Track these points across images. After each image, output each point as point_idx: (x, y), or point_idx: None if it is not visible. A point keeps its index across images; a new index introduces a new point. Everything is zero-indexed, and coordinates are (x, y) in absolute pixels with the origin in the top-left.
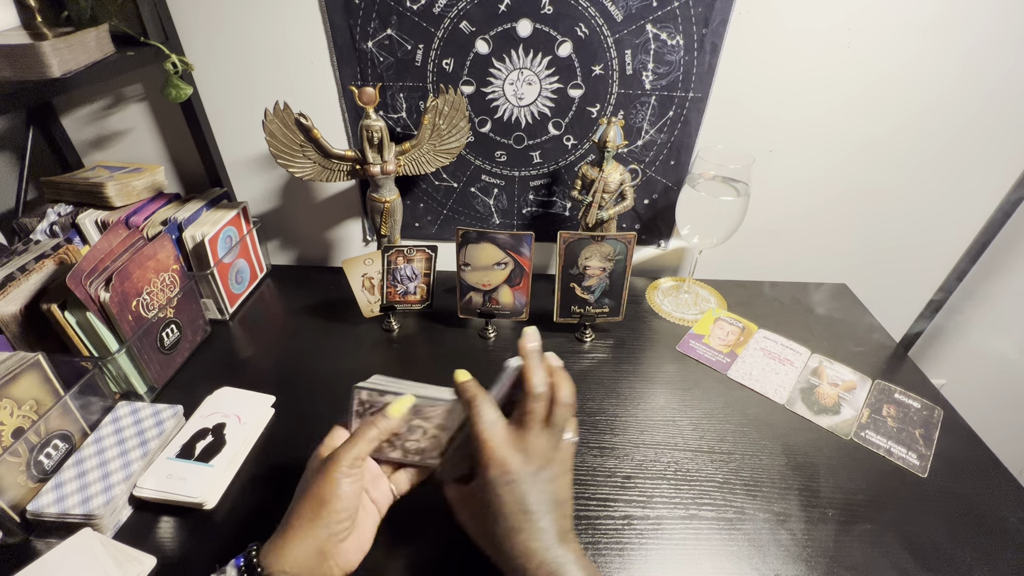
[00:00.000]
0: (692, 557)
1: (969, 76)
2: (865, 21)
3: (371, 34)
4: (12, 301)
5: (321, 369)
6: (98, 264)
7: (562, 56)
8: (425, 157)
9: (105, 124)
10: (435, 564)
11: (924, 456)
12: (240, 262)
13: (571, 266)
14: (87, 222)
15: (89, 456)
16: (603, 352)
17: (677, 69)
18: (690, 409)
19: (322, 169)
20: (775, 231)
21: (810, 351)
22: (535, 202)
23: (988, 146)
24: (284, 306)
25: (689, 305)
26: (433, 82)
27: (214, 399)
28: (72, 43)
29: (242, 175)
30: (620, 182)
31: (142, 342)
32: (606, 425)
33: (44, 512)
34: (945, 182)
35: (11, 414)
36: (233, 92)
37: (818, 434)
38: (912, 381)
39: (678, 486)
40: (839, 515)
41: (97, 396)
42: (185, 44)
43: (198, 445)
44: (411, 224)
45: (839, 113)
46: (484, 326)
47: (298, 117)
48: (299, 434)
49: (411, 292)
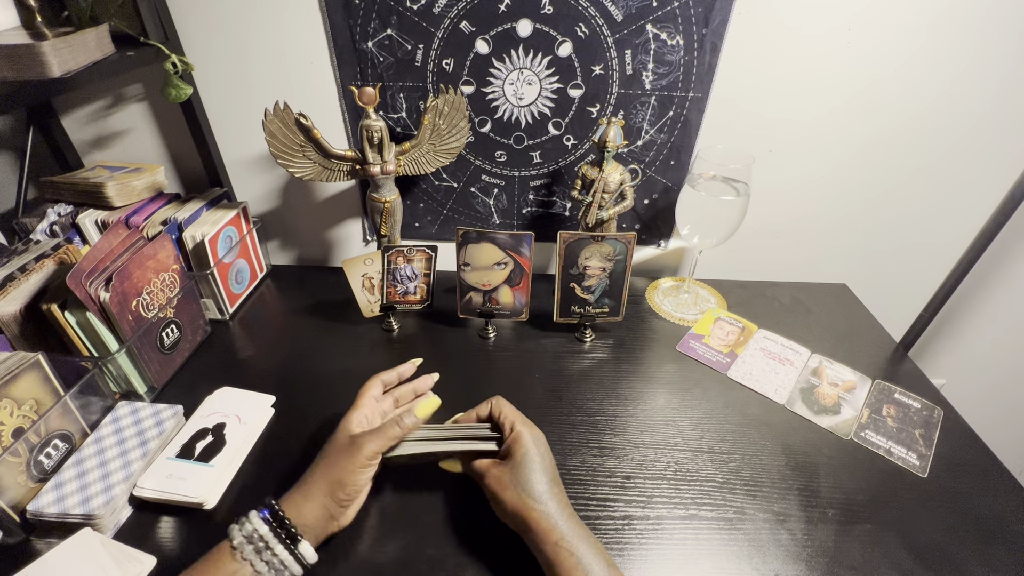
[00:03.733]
0: (692, 557)
1: (969, 76)
2: (865, 21)
3: (371, 34)
4: (12, 301)
5: (321, 369)
6: (98, 264)
7: (562, 56)
8: (425, 157)
9: (105, 124)
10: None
11: (924, 456)
12: (240, 262)
13: (571, 266)
14: (87, 222)
15: (89, 456)
16: (603, 352)
17: (677, 69)
18: (690, 409)
19: (322, 169)
20: (775, 231)
21: (810, 351)
22: (535, 202)
23: (988, 146)
24: (284, 306)
25: (689, 305)
26: (433, 82)
27: (214, 399)
28: (72, 43)
29: (242, 175)
30: (620, 182)
31: (142, 342)
32: (606, 425)
33: (44, 512)
34: (945, 182)
35: (11, 414)
36: (233, 92)
37: (818, 434)
38: (912, 381)
39: (678, 486)
40: (839, 515)
41: (97, 396)
42: (185, 44)
43: (198, 445)
44: (411, 224)
45: (839, 113)
46: (484, 326)
47: (298, 117)
48: (299, 434)
49: (411, 292)
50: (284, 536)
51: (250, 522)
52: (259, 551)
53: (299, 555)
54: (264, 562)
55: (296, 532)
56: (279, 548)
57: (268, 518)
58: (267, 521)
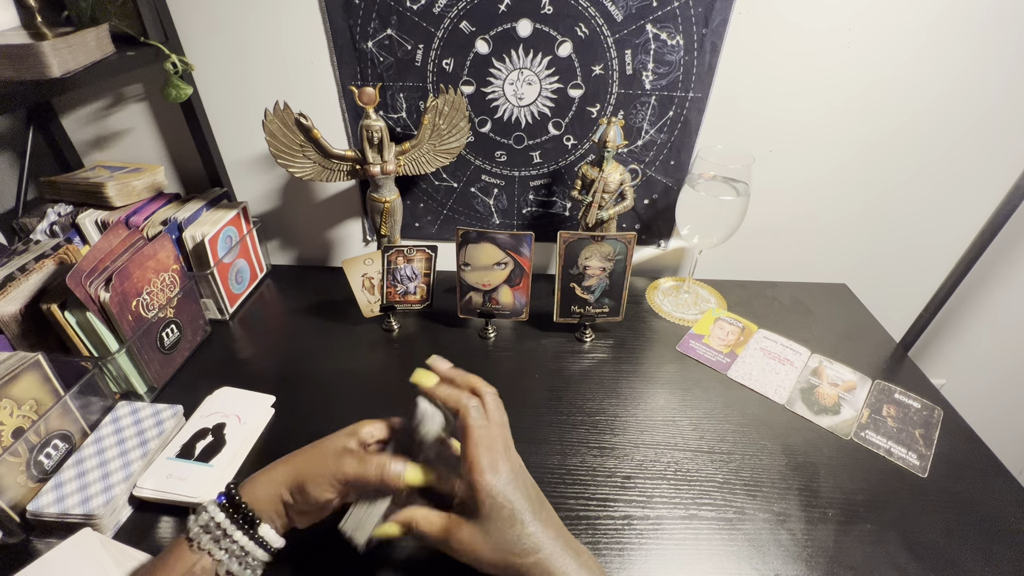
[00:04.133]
0: (692, 557)
1: (969, 76)
2: (866, 21)
3: (371, 34)
4: (12, 301)
5: (321, 369)
6: (98, 264)
7: (562, 56)
8: (425, 157)
9: (105, 124)
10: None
11: (924, 456)
12: (240, 262)
13: (571, 266)
14: (87, 222)
15: (89, 456)
16: (603, 352)
17: (677, 69)
18: (690, 409)
19: (322, 169)
20: (775, 231)
21: (810, 351)
22: (535, 202)
23: (988, 146)
24: (284, 306)
25: (689, 305)
26: (433, 82)
27: (214, 399)
28: (72, 43)
29: (242, 175)
30: (620, 182)
31: (142, 342)
32: (606, 425)
33: (44, 512)
34: (945, 182)
35: (11, 414)
36: (233, 92)
37: (818, 434)
38: (912, 381)
39: (678, 486)
40: (839, 515)
41: (97, 396)
42: (185, 44)
43: (198, 445)
44: (411, 224)
45: (839, 113)
46: (484, 326)
47: (298, 117)
48: (299, 434)
49: (411, 292)
50: (242, 521)
51: (206, 510)
52: (216, 539)
53: (260, 539)
54: (223, 550)
55: (254, 516)
56: (237, 534)
57: (224, 504)
58: (223, 507)
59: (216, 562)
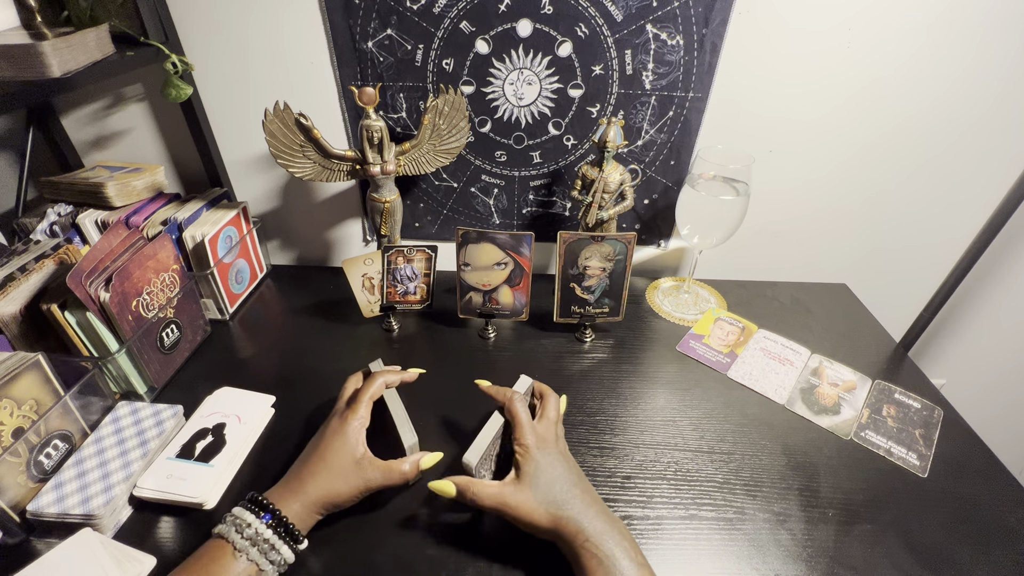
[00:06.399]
0: (692, 557)
1: (969, 76)
2: (865, 21)
3: (371, 34)
4: (12, 301)
5: (321, 369)
6: (98, 264)
7: (562, 56)
8: (425, 157)
9: (105, 124)
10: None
11: (924, 456)
12: (240, 262)
13: (571, 266)
14: (87, 222)
15: (89, 456)
16: (603, 352)
17: (677, 69)
18: (690, 409)
19: (322, 169)
20: (775, 231)
21: (810, 351)
22: (535, 202)
23: (988, 146)
24: (284, 306)
25: (689, 305)
26: (433, 82)
27: (214, 399)
28: (72, 43)
29: (242, 175)
30: (620, 182)
31: (142, 342)
32: (606, 425)
33: (44, 512)
34: (945, 182)
35: (11, 414)
36: (233, 92)
37: (818, 434)
38: (912, 381)
39: (678, 486)
40: (839, 515)
41: (97, 396)
42: (185, 44)
43: (198, 445)
44: (411, 224)
45: (839, 113)
46: (484, 326)
47: (298, 117)
48: (299, 434)
49: (411, 292)
50: (289, 539)
51: (250, 525)
52: (264, 552)
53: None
54: (270, 562)
55: (299, 533)
56: (284, 549)
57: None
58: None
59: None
